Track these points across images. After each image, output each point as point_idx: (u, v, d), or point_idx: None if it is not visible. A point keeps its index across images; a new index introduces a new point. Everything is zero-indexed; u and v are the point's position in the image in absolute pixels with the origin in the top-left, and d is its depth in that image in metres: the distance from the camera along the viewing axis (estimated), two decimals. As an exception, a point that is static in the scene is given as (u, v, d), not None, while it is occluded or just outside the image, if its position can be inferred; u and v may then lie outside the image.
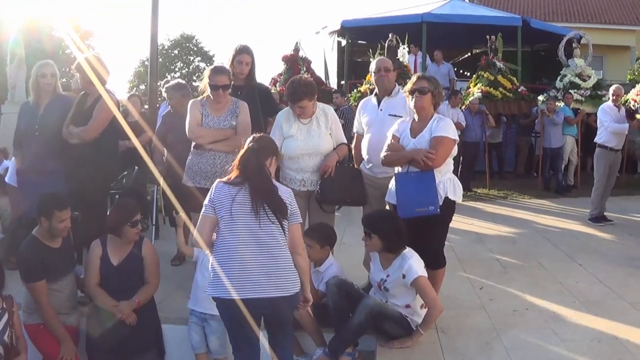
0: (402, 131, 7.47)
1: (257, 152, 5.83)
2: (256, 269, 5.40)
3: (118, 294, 7.02)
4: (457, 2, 29.03)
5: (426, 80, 7.38)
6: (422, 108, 7.34)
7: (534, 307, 8.16)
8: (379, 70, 8.30)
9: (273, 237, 5.54)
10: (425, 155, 7.02)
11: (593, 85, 20.70)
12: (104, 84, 8.40)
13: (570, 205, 16.21)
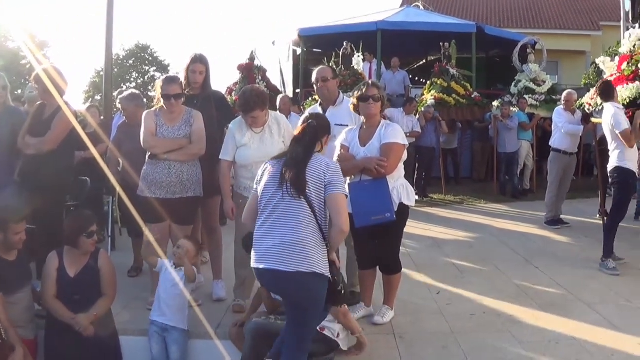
0: (350, 140, 7.48)
1: (316, 128, 5.97)
2: (269, 241, 5.46)
3: (75, 306, 6.91)
4: (412, 10, 29.24)
5: (376, 88, 7.42)
6: (375, 115, 7.38)
7: (492, 311, 8.20)
8: (317, 81, 8.28)
9: (291, 211, 5.49)
10: (378, 163, 7.05)
11: (548, 90, 20.86)
12: (63, 95, 8.34)
13: (527, 209, 16.31)
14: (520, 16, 43.81)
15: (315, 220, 5.49)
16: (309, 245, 5.41)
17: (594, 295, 8.78)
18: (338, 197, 5.56)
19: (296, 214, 5.46)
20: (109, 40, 14.93)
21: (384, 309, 7.72)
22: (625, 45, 11.77)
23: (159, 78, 8.42)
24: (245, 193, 7.77)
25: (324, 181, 5.58)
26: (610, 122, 10.20)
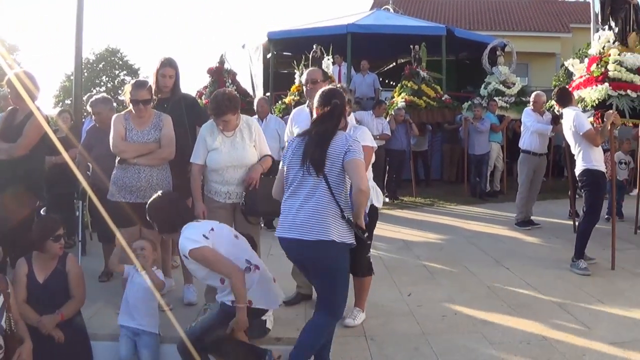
0: None
1: (341, 107, 6.38)
2: (293, 213, 6.04)
3: (45, 311, 6.83)
4: (382, 13, 29.27)
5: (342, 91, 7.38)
6: None
7: (463, 312, 8.21)
8: (307, 83, 8.29)
9: (311, 187, 5.99)
10: None
11: (518, 92, 21.00)
12: (34, 100, 8.28)
13: (497, 210, 16.38)
14: (490, 19, 44.09)
15: (332, 195, 5.94)
16: (328, 218, 5.92)
17: (565, 296, 8.81)
18: (354, 161, 5.94)
19: (315, 190, 5.96)
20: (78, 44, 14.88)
21: (355, 311, 7.72)
22: (595, 47, 11.83)
23: (129, 82, 8.38)
24: (216, 197, 7.79)
25: (344, 154, 5.98)
26: (572, 125, 10.25)
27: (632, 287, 9.29)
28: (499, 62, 21.72)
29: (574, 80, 12.05)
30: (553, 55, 41.07)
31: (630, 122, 11.12)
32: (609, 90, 10.58)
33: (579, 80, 11.63)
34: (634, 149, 15.59)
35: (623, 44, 11.37)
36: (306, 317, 7.79)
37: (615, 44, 11.43)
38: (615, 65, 10.97)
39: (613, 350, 6.86)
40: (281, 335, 7.33)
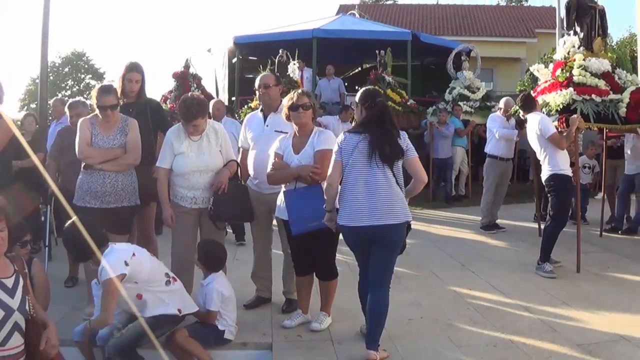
0: (284, 148, 7.50)
1: (386, 108, 7.21)
2: (363, 202, 6.64)
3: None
4: (348, 18, 29.33)
5: (307, 96, 7.47)
6: (306, 124, 7.43)
7: (429, 316, 8.21)
8: (259, 88, 8.40)
9: (383, 178, 6.68)
10: (311, 170, 7.14)
11: (482, 97, 21.10)
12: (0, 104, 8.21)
13: (463, 214, 16.45)
14: (456, 24, 44.29)
15: (396, 181, 6.78)
16: (396, 202, 6.70)
17: (531, 298, 8.85)
18: (414, 160, 6.97)
19: (384, 180, 6.69)
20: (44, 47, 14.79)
21: (321, 315, 7.69)
22: (560, 52, 11.88)
23: (95, 86, 8.34)
24: (181, 202, 7.82)
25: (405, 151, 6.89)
26: (538, 129, 10.30)
27: (598, 290, 9.36)
28: (463, 67, 21.83)
29: (538, 85, 12.11)
30: (518, 60, 41.31)
31: (595, 126, 11.20)
32: (574, 94, 10.63)
33: (543, 85, 11.68)
34: (599, 153, 15.69)
35: (588, 49, 11.43)
36: (272, 321, 7.85)
37: (580, 49, 11.49)
38: (580, 70, 11.03)
39: (579, 352, 6.89)
40: (247, 340, 7.32)
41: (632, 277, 10.13)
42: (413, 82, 24.28)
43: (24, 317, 5.03)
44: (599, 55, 11.37)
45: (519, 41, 42.28)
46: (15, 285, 5.02)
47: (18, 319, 4.94)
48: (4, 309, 4.83)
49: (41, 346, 4.98)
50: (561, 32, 17.64)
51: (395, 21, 43.00)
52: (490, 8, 50.68)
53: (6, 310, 4.83)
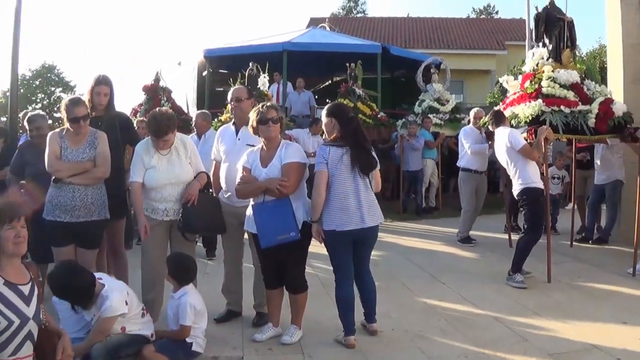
0: (252, 162, 7.49)
1: (360, 123, 8.05)
2: (355, 208, 7.42)
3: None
4: (318, 31, 29.40)
5: (275, 110, 7.44)
6: (274, 137, 7.42)
7: (400, 327, 8.19)
8: (231, 101, 8.45)
9: (363, 186, 7.54)
10: (279, 183, 7.12)
11: (452, 109, 21.14)
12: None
13: (433, 226, 16.50)
14: (426, 37, 44.51)
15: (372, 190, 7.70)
16: (377, 206, 7.74)
17: (502, 309, 8.87)
18: (378, 171, 7.91)
19: (365, 187, 7.55)
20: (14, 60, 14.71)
21: (292, 328, 7.65)
22: (529, 63, 11.93)
23: (65, 99, 8.28)
24: (153, 215, 7.78)
25: (376, 161, 7.84)
26: (507, 142, 10.34)
27: (569, 300, 9.40)
28: (433, 79, 21.88)
29: (507, 97, 12.15)
30: (488, 72, 41.54)
31: (564, 137, 11.24)
32: (543, 106, 10.67)
33: (512, 96, 11.72)
34: (568, 164, 15.76)
35: (557, 61, 11.48)
36: (243, 335, 7.81)
37: (549, 60, 11.54)
38: (548, 81, 11.07)
39: (550, 362, 6.91)
40: (218, 355, 7.27)
41: (602, 286, 10.19)
42: (383, 95, 24.41)
43: (38, 326, 4.97)
44: (568, 67, 11.43)
45: (489, 53, 42.51)
46: (31, 293, 4.97)
47: (32, 327, 4.88)
48: (20, 316, 4.77)
49: (57, 356, 4.95)
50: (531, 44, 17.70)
51: (365, 34, 43.15)
52: (460, 21, 50.92)
53: (22, 318, 4.78)
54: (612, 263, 11.74)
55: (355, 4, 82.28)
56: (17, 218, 4.81)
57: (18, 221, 4.80)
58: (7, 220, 4.75)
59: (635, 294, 9.66)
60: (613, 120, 10.97)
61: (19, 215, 4.84)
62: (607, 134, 11.22)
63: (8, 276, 4.82)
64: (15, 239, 4.77)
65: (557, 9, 11.79)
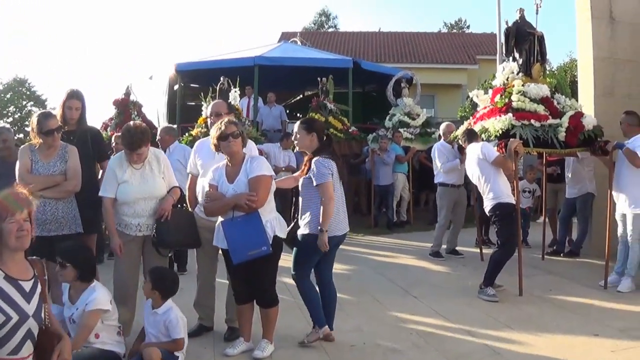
0: (218, 178, 7.47)
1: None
2: (343, 217, 8.26)
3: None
4: (289, 46, 29.42)
5: (234, 125, 7.41)
6: (237, 152, 7.41)
7: (371, 342, 8.16)
8: (211, 115, 8.51)
9: (342, 195, 8.24)
10: (247, 198, 7.08)
11: (422, 123, 21.17)
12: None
13: (405, 240, 16.50)
14: (396, 51, 44.59)
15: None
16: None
17: (473, 323, 8.86)
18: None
19: (342, 196, 8.25)
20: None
21: (263, 342, 7.62)
22: (499, 78, 11.99)
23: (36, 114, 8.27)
24: (126, 230, 7.75)
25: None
26: (480, 154, 10.38)
27: (540, 313, 9.41)
28: (403, 94, 21.92)
29: (478, 111, 12.19)
30: (459, 86, 41.64)
31: (535, 150, 11.28)
32: (513, 120, 10.71)
33: (483, 111, 11.76)
34: (539, 178, 15.84)
35: (527, 75, 11.55)
36: (214, 350, 7.83)
37: (519, 74, 11.60)
38: (519, 95, 11.14)
39: (522, 375, 6.92)
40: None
41: (574, 299, 10.22)
42: (354, 109, 24.35)
43: (38, 325, 4.85)
44: (538, 81, 11.50)
45: (460, 68, 42.63)
46: (33, 290, 4.86)
47: (32, 326, 4.76)
48: (19, 313, 4.65)
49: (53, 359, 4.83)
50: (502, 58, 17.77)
51: (336, 48, 43.23)
52: (431, 35, 51.12)
53: (21, 315, 4.66)
54: (583, 276, 11.78)
55: (327, 19, 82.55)
56: (20, 211, 4.68)
57: (21, 214, 4.68)
58: (10, 213, 4.63)
59: (607, 307, 9.70)
60: (583, 134, 11.04)
61: (22, 207, 4.72)
62: (578, 148, 11.29)
63: (9, 271, 4.72)
64: (18, 233, 4.64)
65: (528, 24, 11.86)
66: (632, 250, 10.50)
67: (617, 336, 8.15)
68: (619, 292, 10.42)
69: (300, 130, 8.07)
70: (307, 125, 8.13)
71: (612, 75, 13.46)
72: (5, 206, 4.63)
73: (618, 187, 10.82)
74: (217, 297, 8.63)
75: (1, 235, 4.62)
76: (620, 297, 10.17)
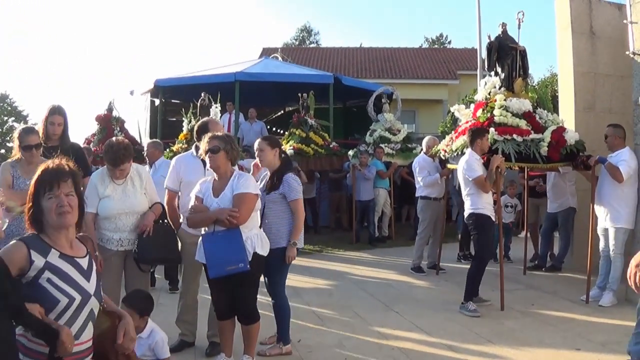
0: (204, 191, 7.48)
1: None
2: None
3: None
4: (270, 61, 29.42)
5: (217, 139, 7.38)
6: (218, 167, 7.38)
7: (353, 357, 8.15)
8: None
9: None
10: (229, 214, 7.06)
11: (403, 139, 21.13)
12: None
13: (386, 256, 16.44)
14: (377, 67, 44.61)
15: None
16: None
17: (455, 337, 8.86)
18: None
19: None
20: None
21: (244, 358, 7.57)
22: (481, 92, 12.00)
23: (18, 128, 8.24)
24: (107, 245, 7.77)
25: None
26: (464, 167, 10.39)
27: (522, 327, 9.42)
28: (384, 109, 21.90)
29: (459, 126, 12.19)
30: (440, 102, 41.74)
31: (516, 165, 11.29)
32: (495, 135, 10.72)
33: (465, 125, 11.76)
34: (520, 192, 15.87)
35: (509, 90, 11.57)
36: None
37: (501, 89, 11.62)
38: (501, 110, 11.15)
39: (504, 389, 6.90)
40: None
41: (555, 313, 10.24)
42: (335, 125, 24.44)
43: (99, 305, 4.54)
44: (520, 96, 11.52)
45: (441, 83, 42.70)
46: (89, 267, 4.53)
47: (94, 306, 4.43)
48: (81, 292, 4.32)
49: (119, 339, 4.52)
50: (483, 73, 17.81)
51: (317, 64, 43.27)
52: (412, 51, 51.22)
53: (83, 294, 4.33)
54: (565, 290, 11.81)
55: (308, 34, 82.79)
56: (58, 185, 4.38)
57: (59, 188, 4.37)
58: (47, 188, 4.37)
59: (589, 321, 9.73)
60: (565, 149, 11.05)
61: (60, 181, 4.41)
62: (560, 162, 11.30)
63: (63, 249, 4.39)
64: (58, 209, 4.32)
65: (510, 38, 11.87)
66: (614, 264, 10.54)
67: (599, 350, 8.17)
68: (600, 306, 10.46)
69: (265, 146, 8.20)
70: (270, 142, 8.35)
71: (592, 90, 13.51)
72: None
73: (600, 202, 10.85)
74: (199, 312, 8.62)
75: (43, 212, 4.37)
76: (602, 311, 10.20)
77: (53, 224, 4.35)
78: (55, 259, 4.29)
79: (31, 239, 4.30)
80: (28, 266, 4.15)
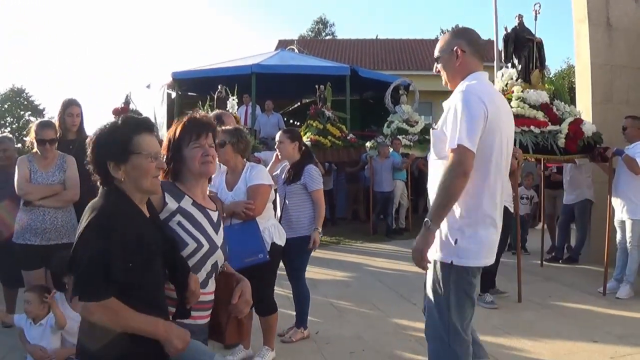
0: (218, 185, 7.46)
1: None
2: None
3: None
4: (286, 53, 29.37)
5: (223, 133, 7.34)
6: (227, 161, 7.37)
7: (371, 348, 8.15)
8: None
9: None
10: (245, 206, 7.08)
11: (421, 130, 21.07)
12: None
13: (403, 247, 16.34)
14: (393, 58, 44.43)
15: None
16: None
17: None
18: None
19: None
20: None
21: (264, 349, 7.63)
22: (498, 84, 11.96)
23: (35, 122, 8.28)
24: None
25: None
26: None
27: (539, 319, 9.41)
28: (401, 101, 21.85)
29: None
30: (457, 93, 41.54)
31: (533, 157, 11.28)
32: (512, 126, 10.70)
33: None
34: (537, 184, 15.83)
35: (526, 81, 11.53)
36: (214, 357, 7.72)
37: (518, 81, 11.59)
38: (518, 101, 11.12)
39: (521, 381, 6.90)
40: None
41: (573, 305, 10.22)
42: (352, 117, 24.41)
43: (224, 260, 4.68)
44: (537, 87, 11.48)
45: (458, 74, 42.48)
46: (219, 221, 4.65)
47: (219, 258, 4.54)
48: (209, 241, 4.44)
49: (234, 299, 4.57)
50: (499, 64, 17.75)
51: (334, 56, 43.12)
52: (428, 42, 50.91)
53: (211, 244, 4.44)
54: (582, 282, 11.79)
55: (324, 26, 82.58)
56: (206, 135, 4.46)
57: (206, 138, 4.45)
58: (194, 137, 4.41)
59: (606, 313, 9.71)
60: (583, 141, 11.02)
61: (208, 131, 4.49)
62: (577, 154, 11.27)
63: (196, 197, 4.51)
64: (203, 158, 4.41)
65: (527, 30, 11.83)
66: (630, 256, 10.51)
67: (616, 343, 8.14)
68: (617, 298, 10.45)
69: (284, 139, 8.28)
70: (291, 135, 8.43)
71: (609, 82, 13.47)
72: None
73: (617, 194, 10.82)
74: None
75: (185, 161, 4.43)
76: (619, 304, 10.19)
77: (195, 172, 4.45)
78: (188, 205, 4.43)
79: (167, 184, 4.40)
80: (161, 208, 4.27)
